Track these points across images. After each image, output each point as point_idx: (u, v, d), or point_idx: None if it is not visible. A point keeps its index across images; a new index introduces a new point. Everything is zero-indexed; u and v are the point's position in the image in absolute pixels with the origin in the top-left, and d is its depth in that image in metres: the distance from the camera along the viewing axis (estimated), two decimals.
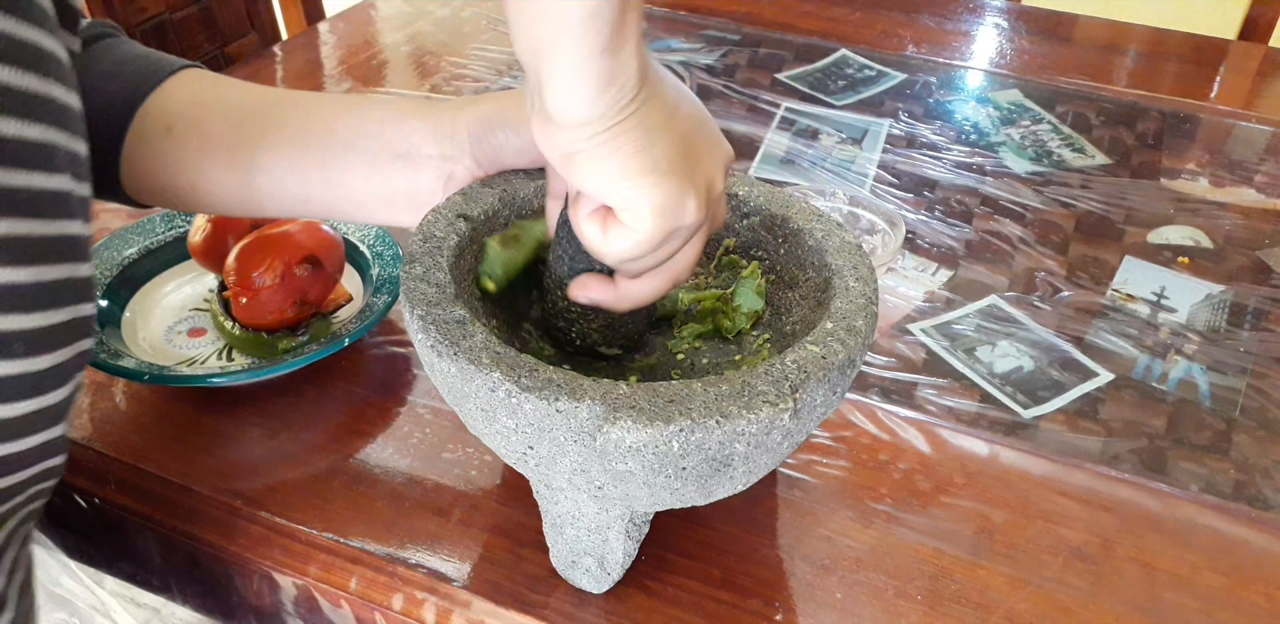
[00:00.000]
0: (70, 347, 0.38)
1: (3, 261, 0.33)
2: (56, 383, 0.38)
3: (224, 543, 0.54)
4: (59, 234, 0.36)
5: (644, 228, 0.39)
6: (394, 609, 0.52)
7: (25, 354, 0.35)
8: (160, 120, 0.52)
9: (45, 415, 0.38)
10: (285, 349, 0.61)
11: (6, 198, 0.33)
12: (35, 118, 0.34)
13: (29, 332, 0.35)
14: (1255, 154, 0.95)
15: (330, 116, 0.52)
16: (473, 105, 0.50)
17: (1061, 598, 0.51)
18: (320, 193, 0.52)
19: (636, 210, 0.39)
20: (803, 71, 1.06)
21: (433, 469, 0.57)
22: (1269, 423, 0.64)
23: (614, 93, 0.36)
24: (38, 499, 0.42)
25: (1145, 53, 1.13)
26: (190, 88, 0.53)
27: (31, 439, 0.38)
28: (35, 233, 0.35)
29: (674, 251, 0.42)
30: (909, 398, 0.64)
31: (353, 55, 1.06)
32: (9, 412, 0.36)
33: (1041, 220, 0.83)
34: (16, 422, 0.37)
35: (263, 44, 1.80)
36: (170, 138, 0.51)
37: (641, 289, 0.44)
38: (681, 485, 0.40)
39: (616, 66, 0.35)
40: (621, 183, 0.38)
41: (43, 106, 0.34)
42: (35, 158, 0.34)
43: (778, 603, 0.50)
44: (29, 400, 0.37)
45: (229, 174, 0.51)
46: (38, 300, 0.35)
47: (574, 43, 0.34)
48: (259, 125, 0.51)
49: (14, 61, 0.33)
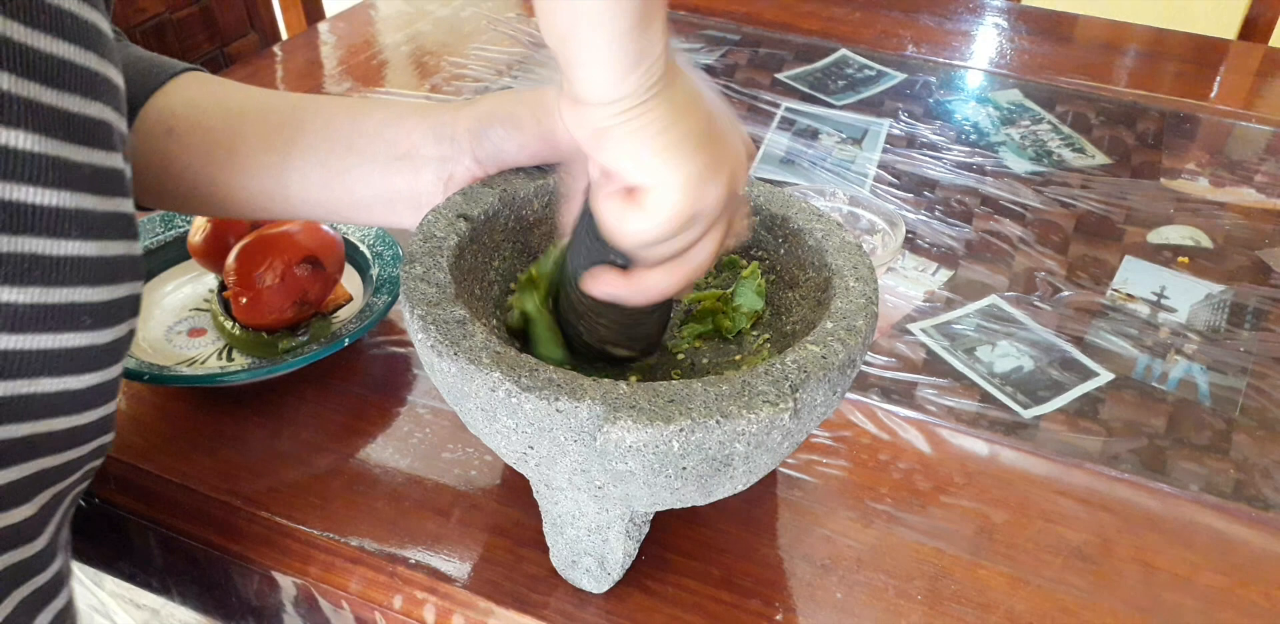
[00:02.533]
0: (127, 322, 0.39)
1: (73, 235, 0.34)
2: (113, 359, 0.39)
3: (224, 543, 0.54)
4: (115, 211, 0.37)
5: (666, 206, 0.39)
6: (394, 609, 0.52)
7: (92, 326, 0.37)
8: (161, 122, 0.52)
9: (104, 390, 0.39)
10: (285, 349, 0.61)
11: (75, 172, 0.34)
12: (95, 96, 0.35)
13: (96, 304, 0.36)
14: (1255, 154, 0.95)
15: (330, 118, 0.52)
16: (471, 105, 0.50)
17: (1061, 598, 0.51)
18: (321, 194, 0.52)
19: (660, 187, 0.39)
20: (803, 71, 1.06)
21: (433, 469, 0.57)
22: (1269, 423, 0.64)
23: (642, 71, 0.36)
24: (86, 480, 0.43)
25: (1145, 53, 1.13)
26: (191, 90, 0.53)
27: (93, 413, 0.39)
28: (98, 208, 0.35)
29: (693, 241, 0.42)
30: (909, 398, 0.64)
31: (353, 55, 1.06)
32: (78, 383, 0.37)
33: (1041, 220, 0.83)
34: (84, 394, 0.38)
35: (263, 44, 1.80)
36: (170, 139, 0.52)
37: (658, 281, 0.43)
38: (682, 485, 0.40)
39: (644, 46, 0.36)
40: (649, 159, 0.38)
41: (101, 85, 0.35)
42: (96, 135, 0.35)
43: (778, 603, 0.50)
44: (92, 373, 0.38)
45: (229, 176, 0.52)
46: (103, 274, 0.36)
47: (603, 23, 0.35)
48: (259, 128, 0.52)
49: (76, 39, 0.34)
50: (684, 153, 0.39)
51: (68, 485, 0.41)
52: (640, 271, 0.43)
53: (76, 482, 0.42)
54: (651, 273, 0.43)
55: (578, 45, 0.36)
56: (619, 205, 0.40)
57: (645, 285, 0.43)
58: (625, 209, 0.40)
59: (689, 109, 0.39)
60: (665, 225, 0.40)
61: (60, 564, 0.43)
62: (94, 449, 0.41)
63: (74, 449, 0.39)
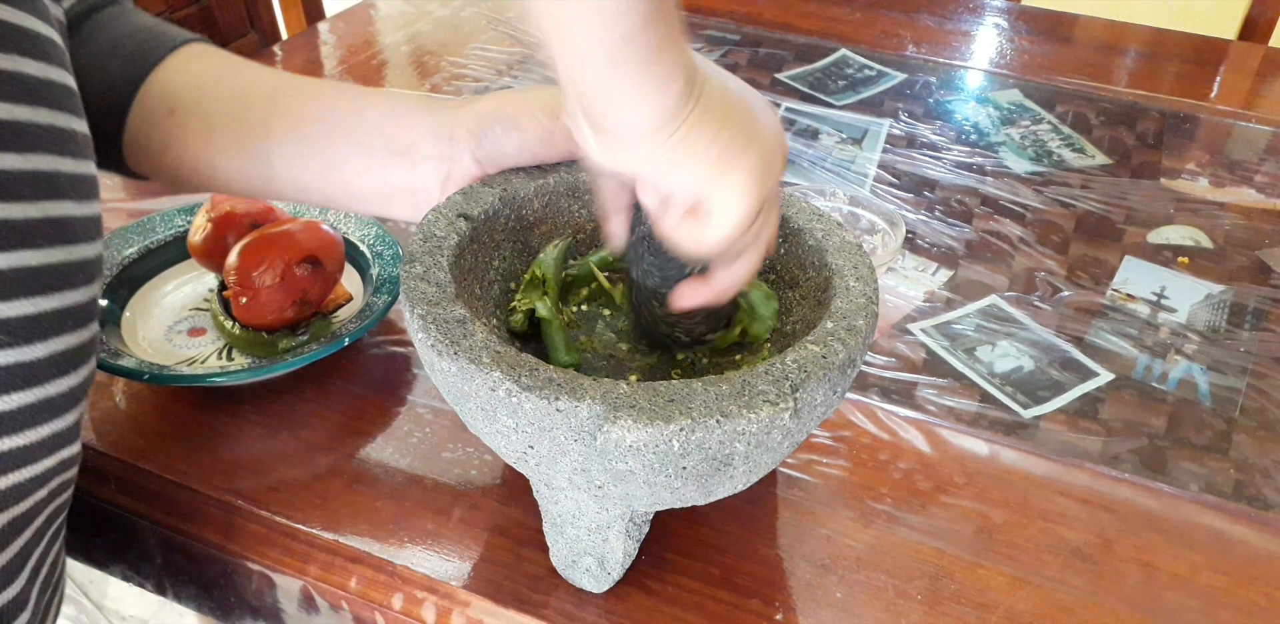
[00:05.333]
0: (69, 334, 0.37)
1: None
2: (56, 372, 0.37)
3: (223, 542, 0.54)
4: (42, 217, 0.35)
5: (737, 210, 0.39)
6: (394, 609, 0.52)
7: (12, 343, 0.35)
8: (162, 101, 0.52)
9: (48, 407, 0.37)
10: (285, 349, 0.61)
11: None
12: None
13: (15, 320, 0.35)
14: (1255, 154, 0.95)
15: (331, 107, 0.52)
16: (471, 104, 0.50)
17: (1061, 598, 0.51)
18: (318, 182, 0.52)
19: (727, 193, 0.39)
20: (803, 71, 1.06)
21: (433, 469, 0.57)
22: (1269, 423, 0.64)
23: (675, 92, 0.36)
24: (61, 493, 0.42)
25: (1145, 53, 1.13)
26: (193, 67, 0.53)
27: (38, 431, 0.37)
28: (14, 217, 0.34)
29: (763, 222, 0.42)
30: (909, 398, 0.64)
31: (353, 55, 1.06)
32: (4, 404, 0.35)
33: (1041, 220, 0.83)
34: (15, 414, 0.36)
35: (263, 44, 1.80)
36: (172, 120, 0.52)
37: (739, 273, 0.44)
38: (682, 485, 0.40)
39: (669, 68, 0.35)
40: (712, 173, 0.38)
41: (9, 81, 0.34)
42: None
43: (778, 603, 0.50)
44: (24, 392, 0.36)
45: (229, 159, 0.52)
46: (20, 287, 0.35)
47: (627, 71, 0.34)
48: (260, 112, 0.52)
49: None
50: (738, 152, 0.38)
51: (34, 505, 0.39)
52: (720, 272, 0.44)
53: (44, 500, 0.40)
54: (731, 269, 0.43)
55: (606, 94, 0.35)
56: (689, 225, 0.40)
57: (729, 282, 0.44)
58: (697, 227, 0.40)
59: (725, 106, 0.38)
60: (739, 227, 0.40)
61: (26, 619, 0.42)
62: (53, 465, 0.39)
63: (24, 468, 0.38)
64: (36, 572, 0.43)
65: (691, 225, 0.40)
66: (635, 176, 0.40)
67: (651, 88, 0.35)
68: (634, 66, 0.34)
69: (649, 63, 0.34)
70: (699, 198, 0.39)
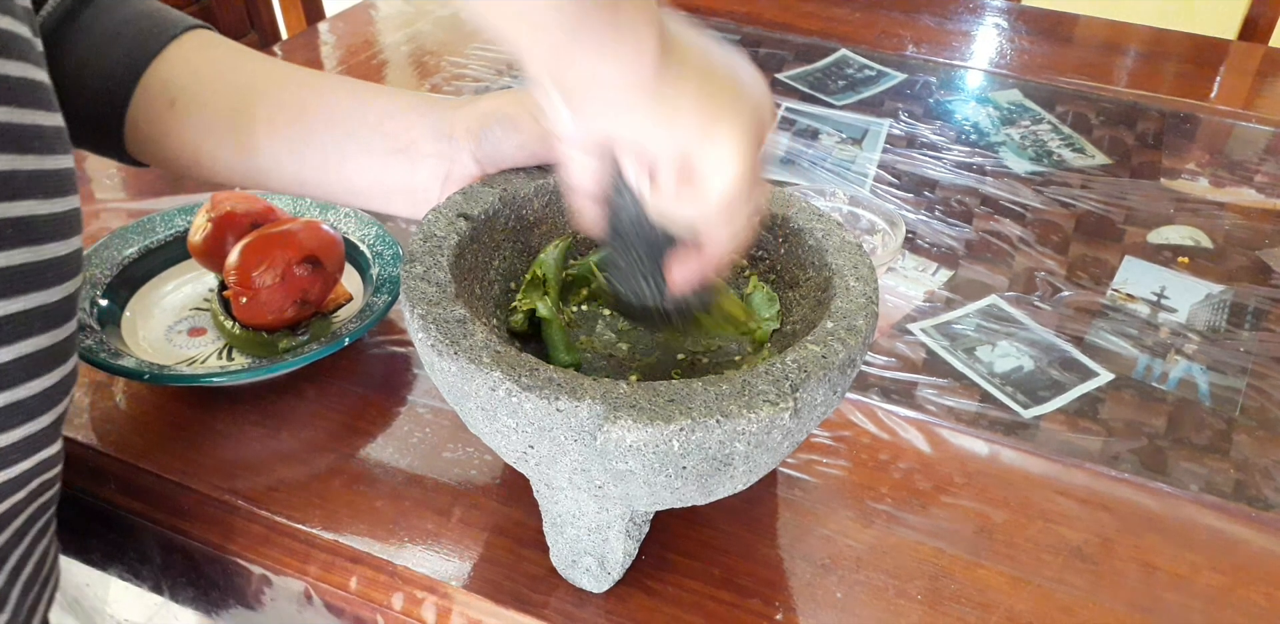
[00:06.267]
0: (40, 336, 0.36)
1: None
2: (26, 376, 0.36)
3: (223, 542, 0.54)
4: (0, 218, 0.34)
5: (737, 157, 0.37)
6: (394, 609, 0.52)
7: None
8: (163, 93, 0.52)
9: (19, 410, 0.37)
10: (285, 349, 0.61)
11: None
12: None
13: None
14: (1255, 154, 0.95)
15: (333, 102, 0.52)
16: (471, 104, 0.50)
17: (1061, 598, 0.51)
18: (317, 177, 0.52)
19: (724, 144, 0.37)
20: (803, 71, 1.06)
21: (433, 469, 0.57)
22: (1269, 423, 0.64)
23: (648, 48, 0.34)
24: (43, 493, 0.42)
25: (1145, 53, 1.13)
26: (194, 57, 0.53)
27: (9, 435, 0.37)
28: None
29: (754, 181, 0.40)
30: (909, 398, 0.64)
31: (353, 55, 1.06)
32: None
33: (1041, 220, 0.83)
34: None
35: (263, 44, 1.80)
36: (173, 112, 0.52)
37: (731, 233, 0.41)
38: (682, 484, 0.40)
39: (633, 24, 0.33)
40: (701, 126, 0.36)
41: None
42: None
43: (778, 602, 0.50)
44: None
45: (229, 152, 0.52)
46: None
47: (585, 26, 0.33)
48: (261, 106, 0.52)
49: None
50: (724, 105, 0.37)
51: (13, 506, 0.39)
52: (710, 238, 0.41)
53: (24, 501, 0.40)
54: (720, 229, 0.40)
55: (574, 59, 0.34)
56: (683, 191, 0.38)
57: (716, 247, 0.41)
58: (691, 190, 0.38)
59: (706, 62, 0.37)
60: (739, 181, 0.38)
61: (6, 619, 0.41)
62: (31, 467, 0.39)
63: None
64: (17, 571, 0.42)
65: (686, 190, 0.38)
66: (617, 147, 0.38)
67: (619, 43, 0.33)
68: (596, 25, 0.32)
69: (612, 21, 0.33)
70: (689, 157, 0.37)
